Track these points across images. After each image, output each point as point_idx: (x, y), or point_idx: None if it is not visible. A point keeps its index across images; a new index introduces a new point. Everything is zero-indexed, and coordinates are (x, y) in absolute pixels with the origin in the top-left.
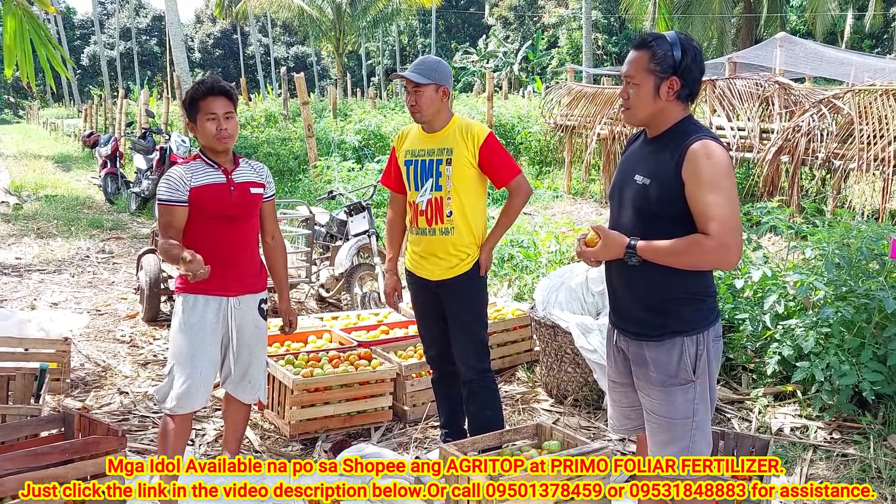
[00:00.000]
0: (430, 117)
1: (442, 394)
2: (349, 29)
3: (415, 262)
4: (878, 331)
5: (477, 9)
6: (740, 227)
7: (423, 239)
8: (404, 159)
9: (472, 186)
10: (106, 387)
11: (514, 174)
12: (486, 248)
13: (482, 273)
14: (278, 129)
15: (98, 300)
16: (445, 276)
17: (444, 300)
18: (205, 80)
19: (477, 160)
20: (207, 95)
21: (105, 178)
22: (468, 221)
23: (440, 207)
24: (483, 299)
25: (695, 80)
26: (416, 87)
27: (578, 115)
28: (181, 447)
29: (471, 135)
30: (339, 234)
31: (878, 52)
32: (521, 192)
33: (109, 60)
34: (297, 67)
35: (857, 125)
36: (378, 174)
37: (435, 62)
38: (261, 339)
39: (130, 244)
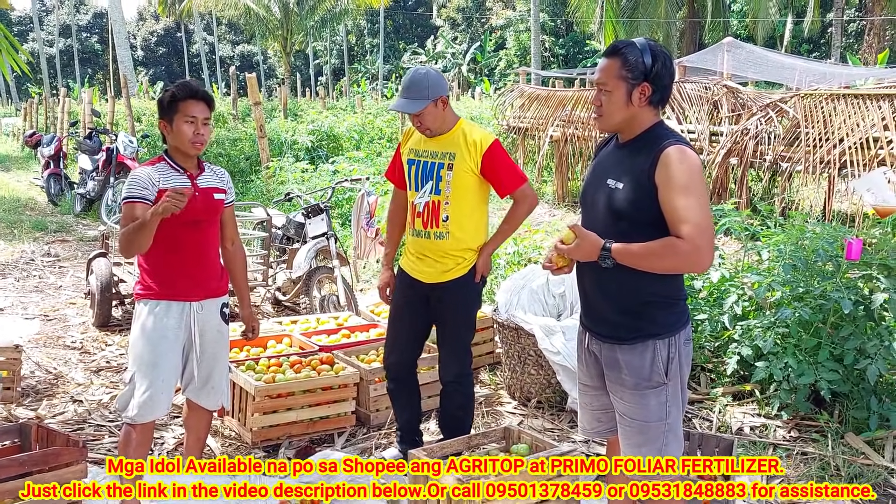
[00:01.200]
0: (438, 128)
1: (398, 402)
2: (297, 28)
3: (410, 263)
4: (833, 331)
5: (425, 10)
6: (713, 231)
7: (419, 241)
8: (407, 158)
9: (472, 193)
10: (58, 395)
11: (518, 184)
12: (483, 254)
13: (477, 278)
14: (228, 130)
15: (45, 305)
16: (439, 279)
17: (436, 304)
18: (188, 83)
19: (479, 168)
20: (189, 98)
21: (48, 178)
22: (464, 228)
23: (437, 211)
24: (475, 305)
25: (665, 85)
26: (416, 115)
27: (531, 118)
28: (143, 456)
29: (475, 142)
30: (297, 237)
31: (816, 57)
32: (525, 201)
33: (49, 58)
34: (243, 66)
35: (803, 128)
36: (332, 175)
37: (422, 77)
38: (223, 343)
39: (77, 247)
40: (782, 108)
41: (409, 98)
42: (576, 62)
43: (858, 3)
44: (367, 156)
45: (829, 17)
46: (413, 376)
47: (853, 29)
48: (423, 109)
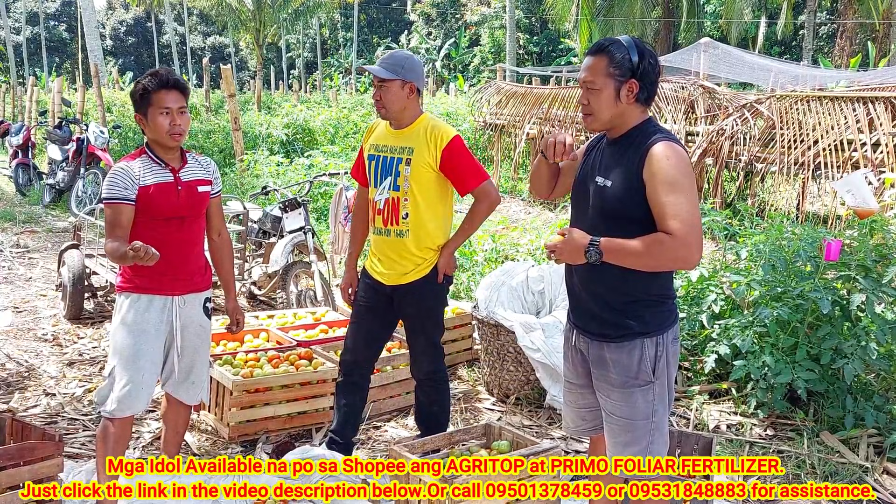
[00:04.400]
0: (396, 114)
1: (343, 401)
2: (269, 20)
3: (371, 264)
4: (811, 331)
5: (399, 4)
6: (701, 227)
7: (380, 239)
8: (368, 153)
9: (432, 189)
10: (31, 388)
11: (478, 181)
12: (444, 253)
13: (439, 279)
14: (201, 122)
15: (16, 297)
16: (400, 281)
17: (399, 304)
18: (158, 72)
19: (438, 164)
20: (161, 88)
21: (16, 168)
22: (425, 225)
23: (396, 208)
24: (440, 304)
25: (652, 82)
26: (381, 82)
27: (508, 115)
28: (121, 452)
29: (434, 137)
30: (273, 231)
31: (787, 59)
32: (486, 199)
33: (15, 46)
34: (215, 58)
35: (778, 130)
36: (307, 169)
37: (403, 57)
38: (205, 338)
39: (46, 238)
40: (758, 109)
41: (382, 66)
42: (550, 60)
43: (830, 6)
44: (343, 150)
45: (801, 19)
46: (365, 380)
47: (824, 32)
48: (391, 81)
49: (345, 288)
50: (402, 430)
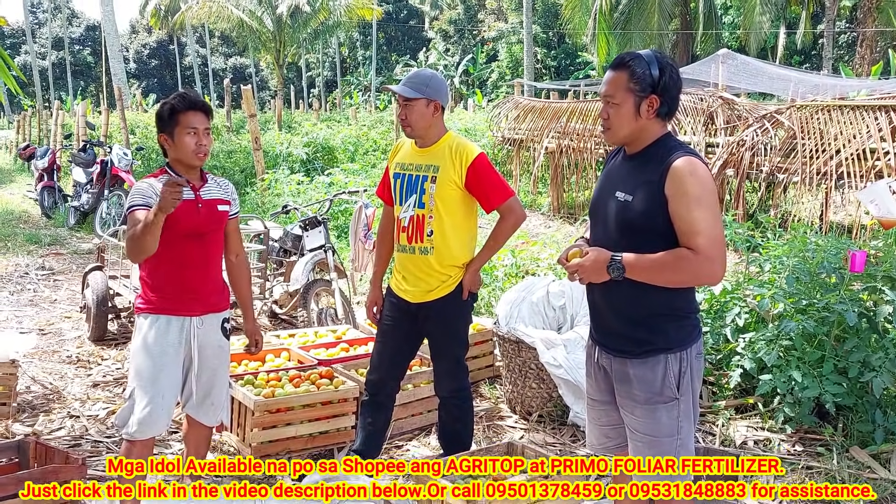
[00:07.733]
0: (421, 132)
1: (368, 420)
2: (289, 40)
3: (397, 282)
4: (837, 343)
5: (417, 22)
6: (724, 242)
7: (404, 256)
8: (393, 172)
9: (457, 207)
10: (55, 410)
11: (504, 198)
12: (469, 270)
13: (464, 296)
14: (223, 142)
15: (41, 319)
16: (425, 298)
17: (424, 322)
18: (186, 94)
19: (464, 181)
20: (188, 109)
21: (42, 191)
22: (449, 243)
23: (421, 226)
24: (464, 322)
25: (673, 97)
26: (406, 101)
27: (526, 129)
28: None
29: (459, 154)
30: (294, 249)
31: (807, 68)
32: (511, 216)
33: (41, 70)
34: (236, 79)
35: (799, 139)
36: (327, 187)
37: (428, 76)
38: (224, 359)
39: (71, 260)
40: (778, 119)
41: (407, 85)
42: (568, 74)
43: (850, 15)
44: (363, 167)
45: (820, 28)
46: (390, 399)
47: (844, 40)
48: (416, 100)
49: (370, 306)
50: (425, 448)
